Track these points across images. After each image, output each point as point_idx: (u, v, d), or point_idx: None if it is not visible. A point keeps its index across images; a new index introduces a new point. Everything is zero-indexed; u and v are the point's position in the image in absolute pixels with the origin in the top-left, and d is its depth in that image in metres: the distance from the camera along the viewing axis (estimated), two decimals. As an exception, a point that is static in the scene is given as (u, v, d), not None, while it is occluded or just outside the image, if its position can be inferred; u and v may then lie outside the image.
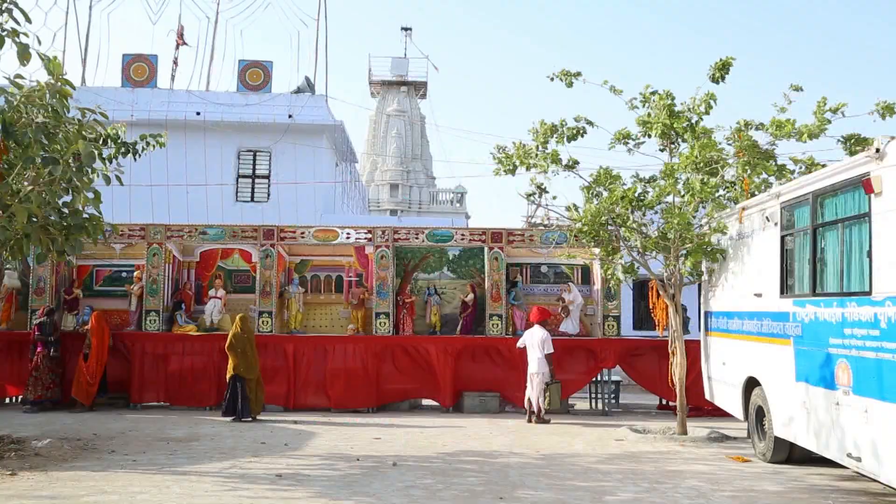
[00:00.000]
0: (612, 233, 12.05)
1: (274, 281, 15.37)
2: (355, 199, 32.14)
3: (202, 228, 15.69)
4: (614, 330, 15.15)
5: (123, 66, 24.57)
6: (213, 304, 15.78)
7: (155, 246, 15.42)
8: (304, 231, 15.65)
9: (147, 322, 15.25)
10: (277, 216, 22.17)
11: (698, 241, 11.12)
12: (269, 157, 24.64)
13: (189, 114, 23.67)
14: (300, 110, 24.28)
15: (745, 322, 10.09)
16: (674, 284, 11.86)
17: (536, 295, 16.62)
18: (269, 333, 15.15)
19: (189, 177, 23.04)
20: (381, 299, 15.34)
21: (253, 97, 24.35)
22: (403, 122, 45.17)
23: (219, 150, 23.80)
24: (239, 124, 23.78)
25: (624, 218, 11.67)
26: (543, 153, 11.90)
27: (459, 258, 16.63)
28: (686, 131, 11.42)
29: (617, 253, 12.31)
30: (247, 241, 15.72)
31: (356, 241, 15.77)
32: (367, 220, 26.32)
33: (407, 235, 15.67)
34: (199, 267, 16.67)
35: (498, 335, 15.19)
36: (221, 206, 23.12)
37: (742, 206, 10.45)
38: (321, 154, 24.67)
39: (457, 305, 16.24)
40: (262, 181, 24.69)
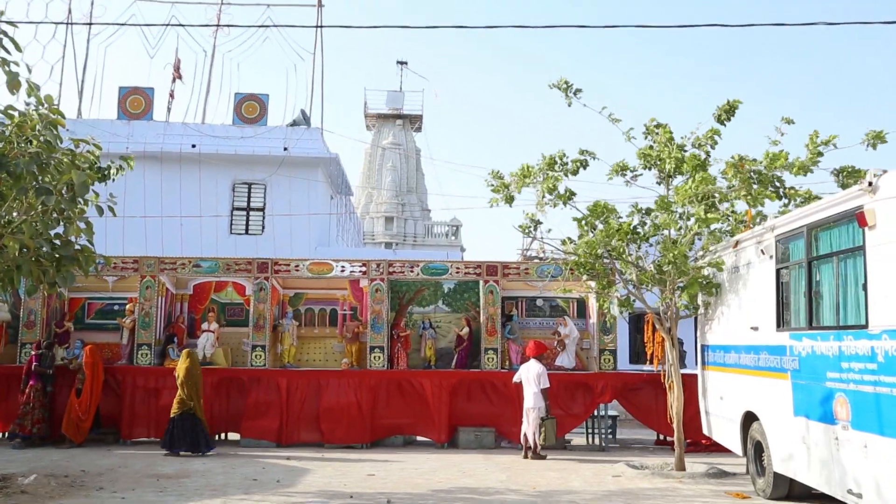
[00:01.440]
0: (608, 266, 12.04)
1: (267, 314, 15.31)
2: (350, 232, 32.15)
3: (196, 261, 15.66)
4: (611, 364, 15.09)
5: (120, 98, 24.68)
6: (206, 338, 15.69)
7: (148, 278, 15.38)
8: (298, 264, 15.63)
9: (139, 356, 15.15)
10: (272, 249, 22.14)
11: (694, 275, 11.12)
12: (265, 190, 24.67)
13: (185, 146, 23.74)
14: (295, 143, 24.36)
15: (741, 356, 10.06)
16: (670, 318, 11.83)
17: (532, 329, 16.58)
18: (261, 367, 15.06)
19: (183, 209, 23.06)
20: (375, 333, 15.29)
21: (248, 130, 24.44)
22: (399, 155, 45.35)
23: (214, 183, 23.84)
24: (234, 157, 23.85)
25: (620, 251, 11.67)
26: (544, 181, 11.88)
27: (454, 292, 16.60)
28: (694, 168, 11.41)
29: (613, 286, 12.30)
30: (241, 274, 15.68)
31: (351, 274, 15.74)
32: (361, 253, 26.29)
33: (402, 268, 15.65)
34: (192, 300, 16.61)
35: (493, 369, 15.11)
36: (216, 239, 23.11)
37: (737, 240, 10.47)
38: (316, 187, 24.72)
39: (452, 339, 16.18)
40: (257, 213, 24.70)
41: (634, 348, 20.54)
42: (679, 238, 11.39)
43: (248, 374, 15.02)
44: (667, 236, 11.68)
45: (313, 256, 18.78)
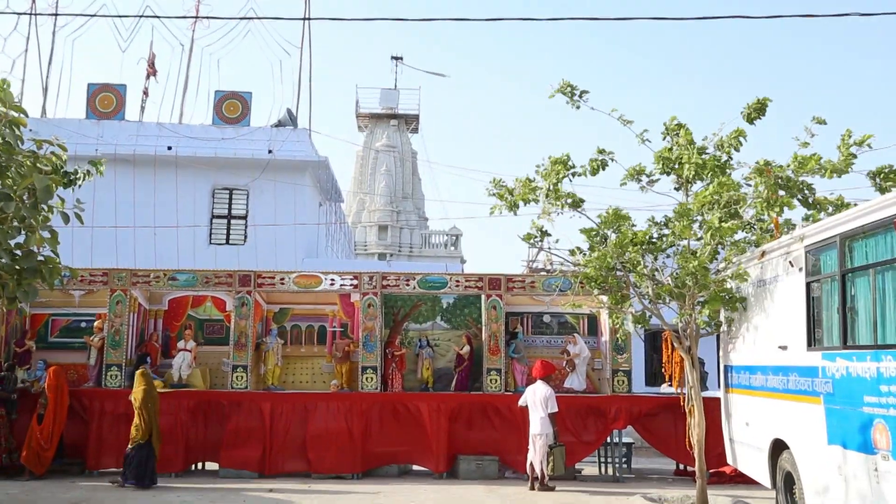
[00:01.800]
0: (622, 279, 11.97)
1: (250, 331, 15.25)
2: (340, 242, 32.10)
3: (171, 274, 15.60)
4: (625, 386, 15.03)
5: (88, 96, 24.65)
6: (182, 358, 15.61)
7: (119, 293, 15.30)
8: (283, 277, 15.58)
9: (108, 378, 15.05)
10: (255, 260, 22.08)
11: (716, 288, 11.04)
12: (247, 196, 24.63)
13: (160, 148, 23.70)
14: (281, 145, 24.32)
15: (769, 378, 9.97)
16: (690, 336, 11.73)
17: (538, 347, 16.55)
18: (243, 390, 14.98)
19: (158, 217, 22.98)
20: (367, 352, 15.23)
21: (229, 131, 24.40)
22: (393, 158, 45.36)
23: (191, 188, 23.79)
24: (214, 160, 23.80)
25: (634, 263, 11.59)
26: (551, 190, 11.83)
27: (454, 307, 16.60)
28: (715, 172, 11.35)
29: (627, 301, 12.23)
30: (221, 287, 15.63)
31: (341, 287, 15.70)
32: (352, 265, 26.24)
33: (396, 282, 15.60)
34: (167, 316, 16.55)
35: (496, 392, 15.04)
36: (193, 250, 23.03)
37: (763, 250, 10.39)
38: (303, 193, 24.67)
39: (451, 359, 16.14)
40: (239, 222, 24.65)
41: (651, 369, 20.47)
42: (699, 249, 11.32)
43: (229, 398, 14.93)
44: (685, 247, 11.62)
45: (300, 268, 18.72)
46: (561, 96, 12.05)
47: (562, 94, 12.03)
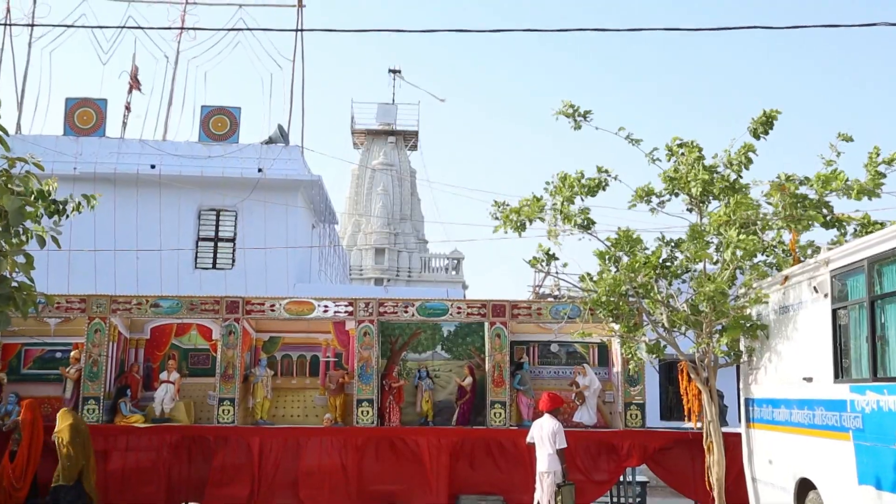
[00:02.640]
0: (634, 305, 11.94)
1: (238, 362, 15.19)
2: (335, 267, 32.06)
3: (154, 300, 15.57)
4: (638, 420, 14.95)
5: (67, 111, 24.69)
6: (165, 390, 15.55)
7: (97, 321, 15.25)
8: (274, 303, 15.56)
9: (85, 411, 14.94)
10: (243, 286, 22.03)
11: (735, 315, 11.01)
12: (235, 218, 24.60)
13: (142, 167, 23.71)
14: (271, 163, 24.34)
15: (793, 412, 9.91)
16: (707, 366, 11.70)
17: (546, 378, 16.52)
18: (230, 424, 14.90)
19: (140, 240, 22.95)
20: (363, 384, 15.16)
21: (217, 148, 24.43)
22: (391, 178, 45.43)
23: (176, 209, 23.77)
24: (200, 179, 23.80)
25: (647, 288, 11.57)
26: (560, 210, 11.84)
27: (455, 335, 16.59)
28: (724, 192, 11.39)
29: (639, 329, 12.20)
30: (207, 314, 15.60)
31: (335, 315, 15.66)
32: (348, 291, 26.17)
33: (394, 308, 15.59)
34: (149, 345, 16.50)
35: (501, 426, 14.97)
36: (177, 274, 22.98)
37: (785, 275, 10.36)
38: (295, 214, 24.65)
39: (452, 391, 16.09)
40: (227, 245, 24.62)
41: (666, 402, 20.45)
42: (716, 272, 11.30)
43: (215, 433, 14.85)
44: (701, 270, 11.61)
45: (292, 294, 18.68)
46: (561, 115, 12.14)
47: (564, 115, 12.10)
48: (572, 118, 12.11)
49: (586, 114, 12.12)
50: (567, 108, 12.10)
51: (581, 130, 12.29)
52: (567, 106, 12.11)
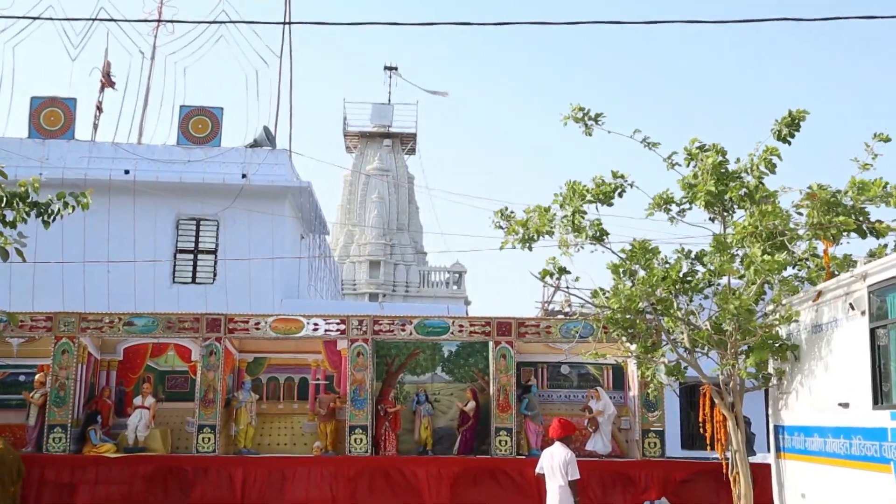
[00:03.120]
0: (652, 323, 11.90)
1: (219, 385, 15.23)
2: (325, 281, 32.02)
3: (128, 318, 15.60)
4: (657, 449, 14.98)
5: (32, 111, 24.66)
6: (139, 416, 15.55)
7: (65, 341, 15.24)
8: (259, 321, 15.61)
9: (50, 441, 14.94)
10: (225, 302, 22.00)
11: (763, 334, 10.95)
12: (217, 228, 24.56)
13: (115, 172, 23.67)
14: (257, 168, 24.31)
15: (828, 441, 9.85)
16: (733, 390, 11.64)
17: (556, 403, 16.56)
18: (210, 454, 14.91)
19: (113, 252, 22.89)
20: (356, 409, 15.20)
21: (197, 152, 24.41)
22: (387, 184, 45.47)
23: (152, 218, 23.74)
24: (178, 186, 23.78)
25: (667, 304, 11.54)
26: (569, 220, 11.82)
27: (457, 356, 16.61)
28: (743, 200, 11.35)
29: (658, 349, 12.16)
30: (185, 333, 15.64)
31: (326, 333, 15.70)
32: (339, 308, 26.11)
33: (390, 326, 15.63)
34: (121, 368, 16.51)
35: (507, 455, 14.99)
36: (153, 290, 22.92)
37: (819, 290, 10.31)
38: (282, 223, 24.62)
39: (454, 416, 16.12)
40: (207, 257, 24.57)
41: (688, 429, 20.38)
42: (742, 287, 11.25)
43: (193, 463, 14.83)
44: (725, 285, 11.56)
45: (278, 311, 18.69)
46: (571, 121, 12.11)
47: (574, 120, 12.08)
48: (583, 123, 12.08)
49: (598, 117, 12.10)
50: (576, 113, 12.07)
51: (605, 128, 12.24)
52: (576, 110, 12.08)
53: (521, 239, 12.08)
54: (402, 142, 47.22)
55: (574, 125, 12.16)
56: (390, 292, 43.95)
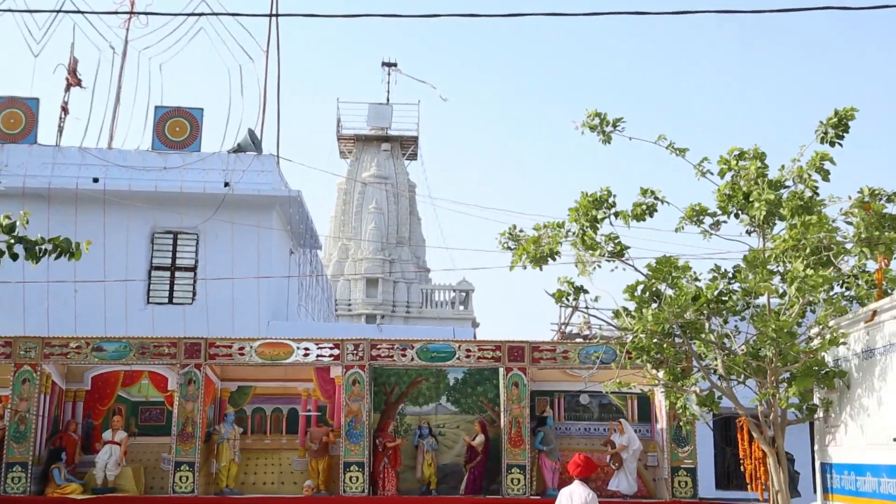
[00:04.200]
0: (681, 348, 11.84)
1: (199, 418, 15.23)
2: (317, 301, 32.00)
3: (96, 343, 15.62)
4: (689, 489, 15.00)
5: (-11, 114, 24.71)
6: (109, 453, 15.52)
7: (26, 368, 15.25)
8: (243, 346, 15.63)
9: (8, 481, 14.93)
10: (205, 324, 21.96)
11: (807, 360, 10.88)
12: (196, 242, 24.53)
13: (83, 180, 23.65)
14: (241, 176, 24.30)
15: (882, 480, 9.80)
16: (774, 423, 11.57)
17: (574, 437, 16.61)
18: (188, 495, 14.92)
19: (80, 269, 22.78)
20: (351, 443, 15.20)
21: (174, 158, 24.39)
22: (385, 193, 45.48)
23: (124, 232, 23.70)
24: (154, 195, 23.76)
25: (698, 326, 11.48)
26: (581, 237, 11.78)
27: (464, 384, 16.66)
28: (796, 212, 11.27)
29: (689, 377, 12.10)
30: (161, 360, 15.65)
31: (318, 359, 15.73)
32: (333, 331, 26.02)
33: (389, 351, 15.68)
34: (89, 398, 16.48)
35: (520, 495, 14.99)
36: (125, 311, 22.87)
37: (873, 310, 10.23)
38: (269, 237, 24.59)
39: (460, 452, 16.15)
40: (186, 275, 24.52)
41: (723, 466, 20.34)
42: (782, 306, 11.19)
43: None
44: (764, 305, 11.50)
45: (265, 335, 18.62)
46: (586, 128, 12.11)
47: (589, 128, 12.04)
48: (599, 130, 12.04)
49: (616, 122, 12.07)
50: (592, 119, 12.02)
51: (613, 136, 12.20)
52: (592, 116, 12.04)
53: (532, 258, 12.03)
54: (403, 146, 47.24)
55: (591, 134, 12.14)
56: (389, 313, 43.90)
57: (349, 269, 45.19)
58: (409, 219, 46.96)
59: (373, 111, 46.58)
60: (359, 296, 44.38)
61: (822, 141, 11.68)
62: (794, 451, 13.88)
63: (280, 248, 25.82)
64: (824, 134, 11.68)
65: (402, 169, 47.08)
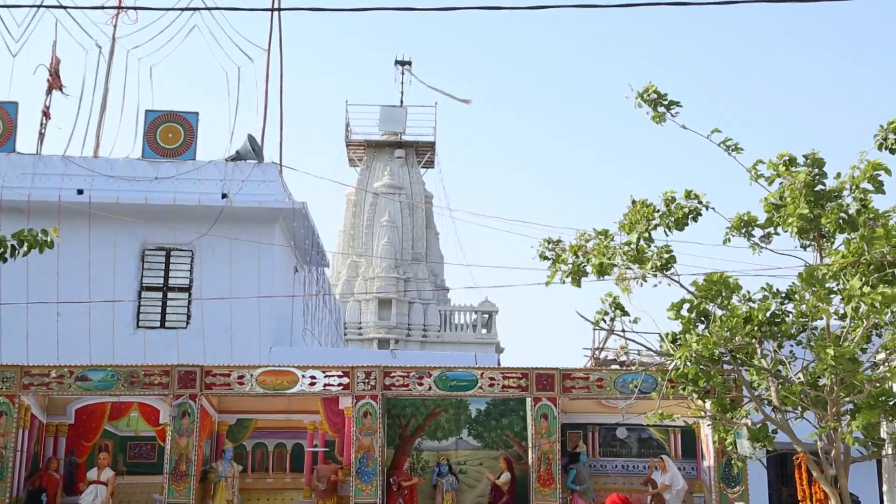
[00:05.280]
0: (730, 376, 11.76)
1: (194, 454, 15.23)
2: (325, 324, 32.01)
3: (81, 372, 15.62)
4: (740, 534, 14.83)
5: (-36, 120, 24.82)
6: (94, 494, 15.50)
7: (2, 400, 15.28)
8: (243, 374, 15.63)
9: (-15, 523, 14.94)
10: (201, 351, 21.93)
11: (872, 390, 10.78)
12: (191, 259, 24.55)
13: (66, 192, 23.71)
14: (240, 186, 24.32)
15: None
16: (835, 460, 11.47)
17: (611, 475, 16.63)
18: (182, 540, 14.84)
19: (63, 289, 22.92)
20: (363, 482, 15.19)
21: (167, 167, 24.44)
22: (399, 205, 45.51)
23: (111, 248, 23.74)
24: (144, 208, 23.80)
25: (749, 352, 11.40)
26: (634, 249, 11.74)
27: (487, 416, 16.69)
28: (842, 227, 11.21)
29: (739, 409, 12.03)
30: (152, 390, 15.65)
31: (325, 389, 15.73)
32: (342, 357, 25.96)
33: (405, 380, 15.67)
34: (73, 433, 16.52)
35: (550, 541, 14.86)
36: (112, 336, 22.89)
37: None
38: (272, 254, 24.60)
39: (484, 492, 16.18)
40: (180, 296, 24.54)
41: (779, 508, 20.21)
42: (844, 329, 11.10)
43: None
44: (823, 328, 11.41)
45: (267, 362, 18.61)
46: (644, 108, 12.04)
47: (645, 102, 12.02)
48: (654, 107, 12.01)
49: (672, 105, 12.01)
50: (650, 94, 12.00)
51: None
52: (650, 91, 12.01)
53: (570, 272, 11.98)
54: (418, 152, 47.28)
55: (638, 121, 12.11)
56: (404, 337, 43.88)
57: (360, 288, 45.20)
58: (426, 233, 46.96)
59: (385, 114, 46.58)
60: (370, 318, 44.40)
61: (881, 147, 11.58)
62: (859, 493, 13.80)
63: (283, 266, 25.82)
64: (883, 139, 11.57)
65: (417, 178, 47.11)
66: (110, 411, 16.55)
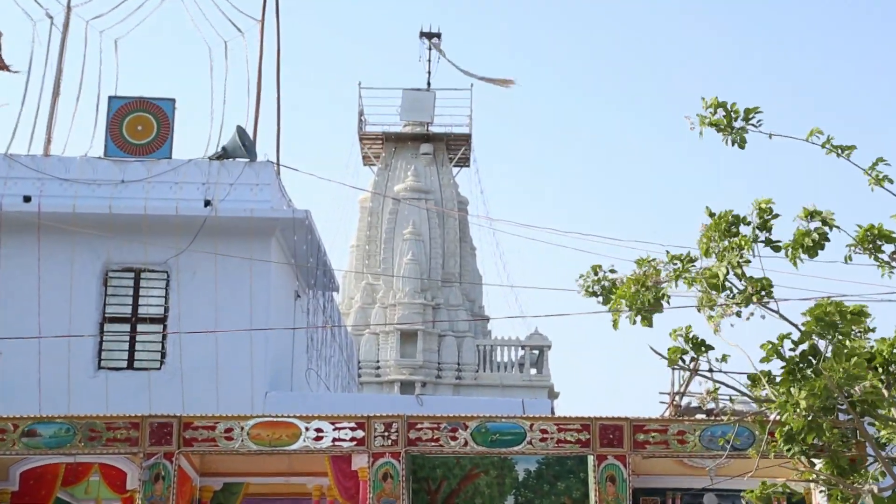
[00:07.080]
0: (849, 429, 11.64)
1: (170, 528, 15.17)
2: (334, 362, 32.05)
3: (27, 425, 15.67)
4: None
5: None
6: (46, 580, 15.55)
7: (-69, 461, 15.33)
8: (231, 426, 15.70)
9: None
10: (179, 398, 21.98)
11: None
12: (167, 282, 24.61)
13: (10, 198, 23.84)
14: (227, 191, 24.37)
15: None
16: None
17: None
18: None
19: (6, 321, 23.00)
20: (383, 563, 15.22)
21: (136, 168, 24.53)
22: (426, 214, 45.50)
23: (67, 269, 23.85)
24: (108, 219, 23.87)
25: (874, 399, 11.26)
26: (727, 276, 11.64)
27: (539, 478, 16.66)
28: None
29: (862, 471, 11.90)
30: (117, 447, 15.71)
31: (335, 444, 15.79)
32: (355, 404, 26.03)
33: (434, 433, 15.74)
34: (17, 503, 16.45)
35: None
36: (68, 380, 22.97)
37: None
38: (267, 275, 24.64)
39: None
40: (152, 328, 24.60)
41: None
42: None
43: None
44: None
45: (261, 411, 18.62)
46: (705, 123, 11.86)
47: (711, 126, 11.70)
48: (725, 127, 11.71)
49: (750, 114, 11.72)
50: (712, 112, 11.67)
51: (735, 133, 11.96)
52: (713, 108, 11.67)
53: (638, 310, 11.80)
54: (450, 147, 47.33)
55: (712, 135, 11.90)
56: (433, 380, 43.93)
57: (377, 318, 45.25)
58: (460, 248, 46.99)
59: (409, 100, 46.52)
60: (391, 355, 44.45)
61: None
62: None
63: (281, 291, 25.85)
64: None
65: (448, 179, 47.16)
66: (64, 475, 16.53)
